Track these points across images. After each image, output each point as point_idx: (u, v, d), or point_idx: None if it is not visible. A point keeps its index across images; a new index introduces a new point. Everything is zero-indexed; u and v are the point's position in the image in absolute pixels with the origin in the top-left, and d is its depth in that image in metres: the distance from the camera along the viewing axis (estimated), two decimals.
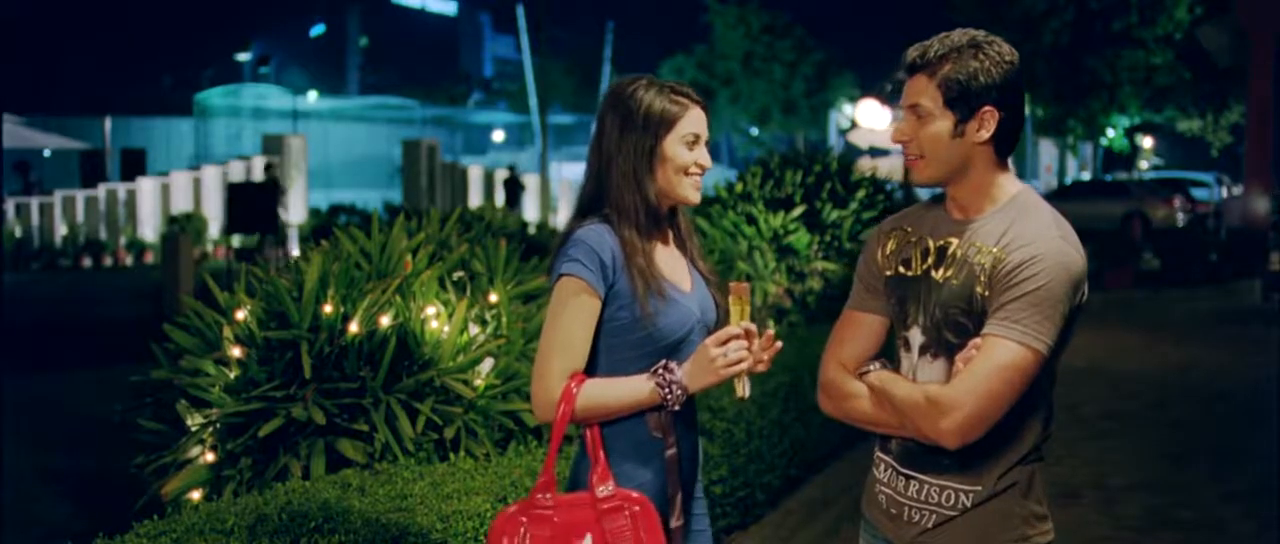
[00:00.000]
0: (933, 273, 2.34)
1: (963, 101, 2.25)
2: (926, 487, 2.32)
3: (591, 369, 2.45)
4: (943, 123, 2.27)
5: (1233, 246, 19.30)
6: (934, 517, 2.31)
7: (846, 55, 46.70)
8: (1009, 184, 2.33)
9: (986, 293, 2.23)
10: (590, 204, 2.51)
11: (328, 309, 3.98)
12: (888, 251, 2.46)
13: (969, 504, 2.27)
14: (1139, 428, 8.35)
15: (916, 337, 2.35)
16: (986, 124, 2.27)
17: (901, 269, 2.41)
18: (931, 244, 2.37)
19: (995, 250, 2.24)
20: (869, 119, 22.98)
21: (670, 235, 2.58)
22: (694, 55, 46.58)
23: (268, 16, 71.73)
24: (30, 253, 24.54)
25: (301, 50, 76.88)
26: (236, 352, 3.99)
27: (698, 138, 2.50)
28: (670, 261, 2.54)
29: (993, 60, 2.25)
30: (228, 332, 4.08)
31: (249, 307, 4.12)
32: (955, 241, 2.33)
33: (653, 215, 2.48)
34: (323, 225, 22.62)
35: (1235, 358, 11.42)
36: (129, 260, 24.91)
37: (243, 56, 55.69)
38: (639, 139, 2.46)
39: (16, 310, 15.39)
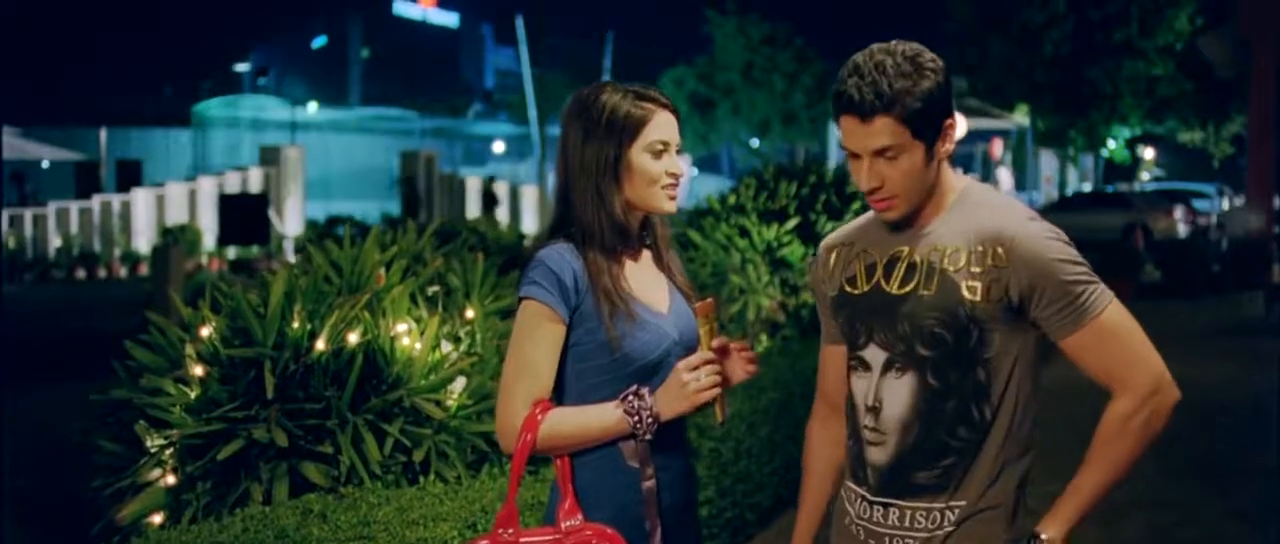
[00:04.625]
0: (884, 286, 2.21)
1: (928, 126, 2.12)
2: (908, 512, 2.18)
3: (562, 395, 2.31)
4: (916, 155, 2.13)
5: (1235, 258, 19.14)
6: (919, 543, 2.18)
7: None
8: (950, 182, 2.23)
9: (979, 300, 2.11)
10: (559, 222, 2.35)
11: (294, 326, 3.82)
12: (830, 269, 2.33)
13: (955, 520, 2.15)
14: None
15: (875, 355, 2.21)
16: (949, 136, 2.17)
17: (847, 287, 2.27)
18: (878, 257, 2.24)
19: (978, 249, 2.13)
20: None
21: (646, 252, 2.40)
22: (694, 66, 46.60)
23: (269, 28, 71.83)
24: (24, 264, 24.43)
25: (303, 62, 77.00)
26: (198, 370, 3.84)
27: (667, 145, 2.32)
28: (645, 280, 2.36)
29: (934, 69, 2.12)
30: (190, 349, 3.92)
31: (214, 323, 3.96)
32: (907, 250, 2.20)
33: (620, 232, 2.31)
34: (319, 237, 22.50)
35: (1238, 370, 11.27)
36: (123, 272, 24.81)
37: (241, 67, 55.75)
38: (601, 148, 2.29)
39: (3, 323, 15.23)
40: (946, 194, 2.21)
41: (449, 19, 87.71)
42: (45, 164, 37.77)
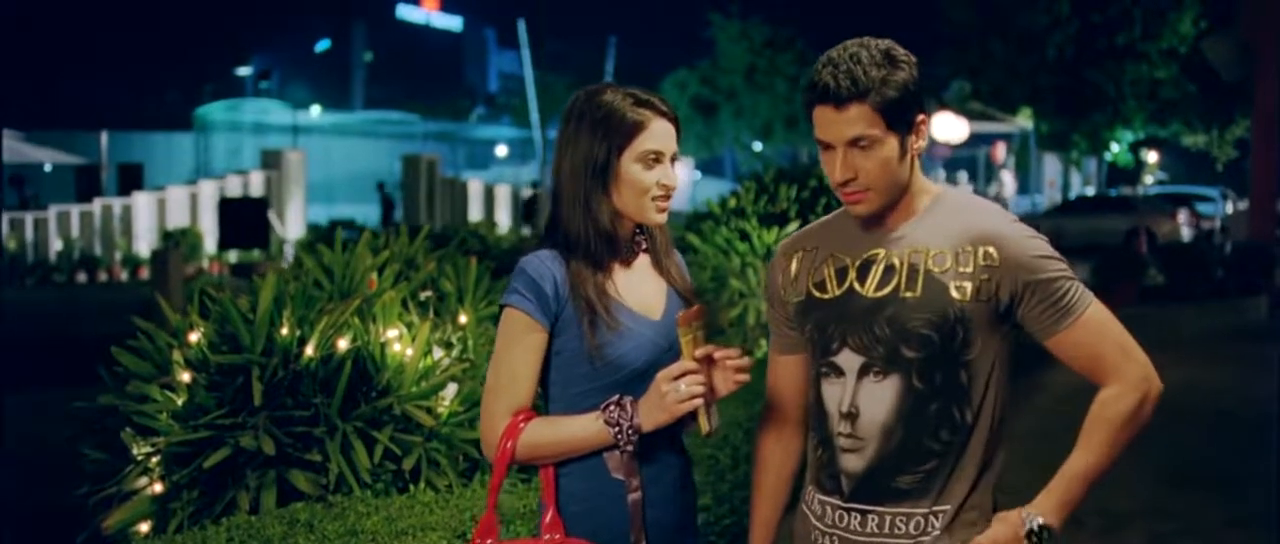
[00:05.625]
0: (858, 289, 2.16)
1: (902, 119, 2.10)
2: (888, 518, 2.14)
3: (548, 403, 2.26)
4: (889, 147, 2.10)
5: (1238, 262, 19.04)
6: None
7: None
8: (924, 184, 2.21)
9: (967, 300, 2.09)
10: (550, 225, 2.30)
11: (283, 332, 3.76)
12: (792, 275, 2.28)
13: (940, 525, 2.11)
14: (1141, 450, 8.03)
15: (850, 360, 2.16)
16: (922, 132, 2.15)
17: (815, 292, 2.22)
18: (850, 260, 2.19)
19: (966, 250, 2.11)
20: None
21: (644, 255, 2.33)
22: (696, 69, 46.53)
23: (272, 32, 71.86)
24: (25, 268, 24.37)
25: (305, 65, 77.00)
26: (185, 377, 3.78)
27: (661, 155, 2.24)
28: (638, 286, 2.29)
29: (909, 63, 2.11)
30: (177, 355, 3.87)
31: (202, 329, 3.90)
32: (882, 252, 2.16)
33: (607, 240, 2.24)
34: (315, 241, 22.42)
35: (1241, 376, 11.19)
36: (124, 276, 24.71)
37: (244, 71, 55.69)
38: (591, 151, 2.22)
39: (1, 326, 15.17)
40: (919, 196, 2.19)
41: (452, 23, 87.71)
42: (47, 167, 37.73)
